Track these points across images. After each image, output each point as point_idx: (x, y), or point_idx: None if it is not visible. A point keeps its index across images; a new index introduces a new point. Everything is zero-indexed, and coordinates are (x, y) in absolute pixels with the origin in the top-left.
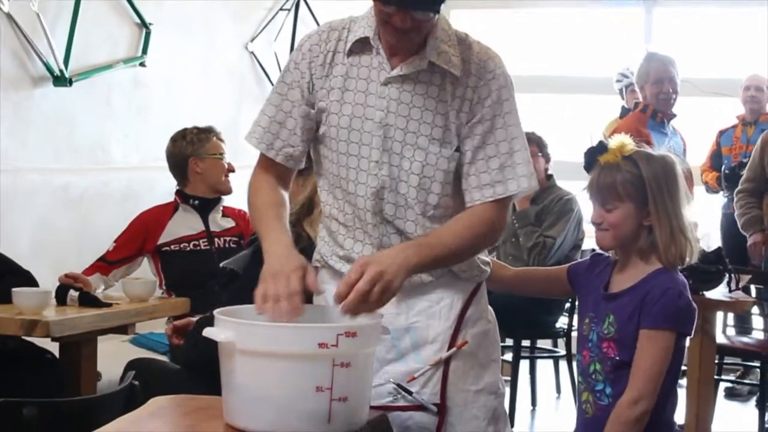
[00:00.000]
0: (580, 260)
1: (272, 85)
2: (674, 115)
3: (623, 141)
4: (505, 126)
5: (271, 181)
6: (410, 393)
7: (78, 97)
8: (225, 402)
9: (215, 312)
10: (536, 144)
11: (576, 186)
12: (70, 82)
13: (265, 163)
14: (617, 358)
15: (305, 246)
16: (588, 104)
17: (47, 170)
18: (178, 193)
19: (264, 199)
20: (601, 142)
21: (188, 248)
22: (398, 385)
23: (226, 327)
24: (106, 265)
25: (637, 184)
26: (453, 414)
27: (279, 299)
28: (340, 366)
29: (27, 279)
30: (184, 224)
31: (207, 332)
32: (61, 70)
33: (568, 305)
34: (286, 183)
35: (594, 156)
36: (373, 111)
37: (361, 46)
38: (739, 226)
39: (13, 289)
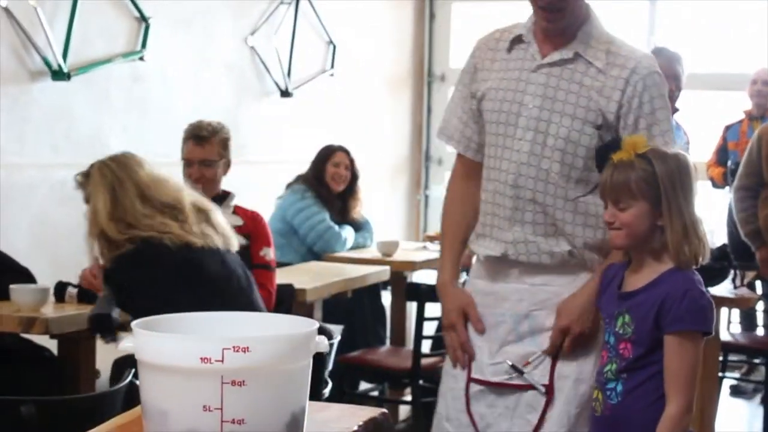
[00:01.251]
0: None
1: (272, 79)
2: (677, 110)
3: (637, 139)
4: (656, 122)
5: (468, 192)
6: (522, 373)
7: (76, 92)
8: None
9: (132, 323)
10: None
11: None
12: (69, 77)
13: (462, 166)
14: (631, 356)
15: (141, 240)
16: None
17: (46, 165)
18: None
19: (449, 220)
20: (614, 139)
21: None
22: (513, 365)
23: (133, 337)
24: None
25: (651, 182)
26: (557, 397)
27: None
28: (231, 384)
29: (25, 276)
30: None
31: (121, 344)
32: (59, 65)
33: None
34: (480, 176)
35: (607, 153)
36: (522, 95)
37: (518, 42)
38: (738, 226)
39: (11, 286)
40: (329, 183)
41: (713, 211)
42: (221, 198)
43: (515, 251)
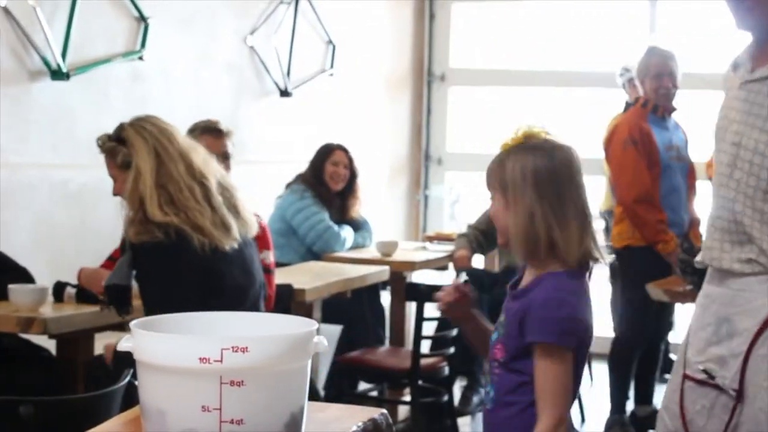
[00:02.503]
0: None
1: (272, 79)
2: (674, 109)
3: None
4: None
5: None
6: (713, 377)
7: (76, 92)
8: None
9: (131, 324)
10: None
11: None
12: (68, 76)
13: None
14: (501, 359)
15: (176, 231)
16: (595, 98)
17: (46, 165)
18: None
19: None
20: None
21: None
22: (704, 370)
23: (132, 337)
24: (113, 263)
25: (501, 176)
26: (746, 403)
27: None
28: (230, 384)
29: (23, 275)
30: None
31: (120, 344)
32: (58, 64)
33: None
34: None
35: None
36: (730, 110)
37: (736, 67)
38: None
39: (10, 286)
40: (328, 182)
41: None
42: None
43: (709, 257)
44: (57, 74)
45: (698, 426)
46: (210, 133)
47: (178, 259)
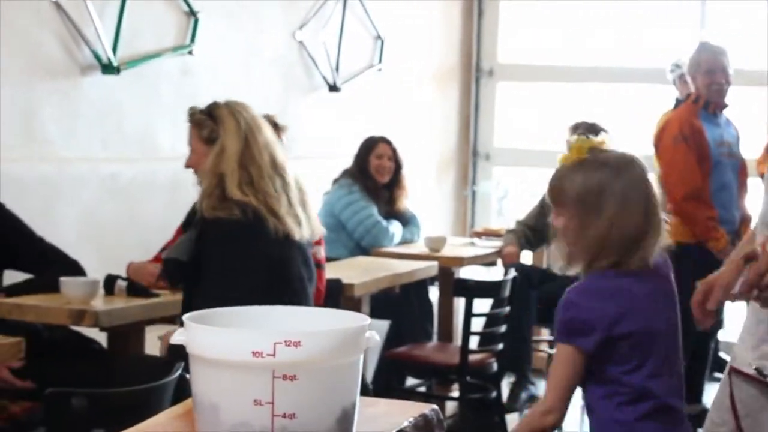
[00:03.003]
0: None
1: (320, 73)
2: (726, 105)
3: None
4: None
5: None
6: (764, 375)
7: (126, 86)
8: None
9: (184, 317)
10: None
11: None
12: (119, 71)
13: None
14: None
15: (253, 211)
16: (644, 95)
17: (95, 159)
18: None
19: None
20: None
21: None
22: (757, 367)
23: (184, 330)
24: None
25: (559, 194)
26: None
27: None
28: (282, 378)
29: (75, 268)
30: None
31: (173, 338)
32: (109, 59)
33: None
34: None
35: None
36: None
37: None
38: None
39: (61, 279)
40: (374, 175)
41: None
42: None
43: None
44: (108, 68)
45: (749, 422)
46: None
47: (251, 240)
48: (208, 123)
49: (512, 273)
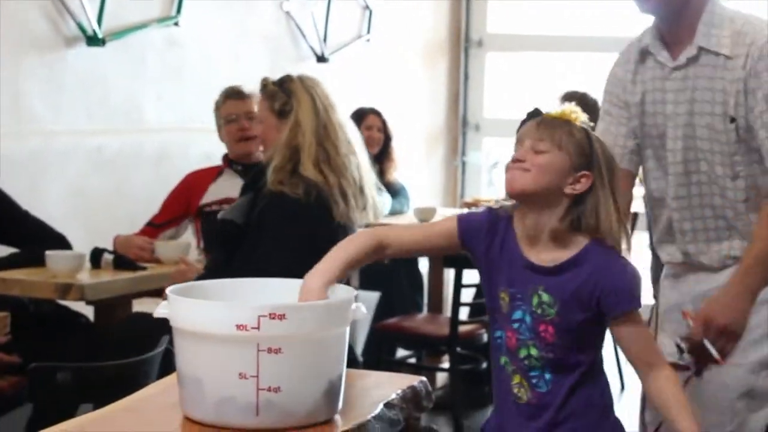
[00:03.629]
0: (471, 213)
1: (308, 44)
2: None
3: (573, 110)
4: None
5: None
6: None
7: (111, 58)
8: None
9: (167, 290)
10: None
11: None
12: (104, 42)
13: None
14: (559, 341)
15: (318, 193)
16: None
17: (80, 132)
18: (224, 157)
19: None
20: (537, 109)
21: (220, 213)
22: (677, 344)
23: (168, 304)
24: (153, 229)
25: (584, 147)
26: (705, 378)
27: None
28: (267, 351)
29: (61, 242)
30: (228, 186)
31: (156, 311)
32: (94, 30)
33: None
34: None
35: (537, 114)
36: (663, 105)
37: (647, 54)
38: None
39: (47, 252)
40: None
41: None
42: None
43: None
44: (92, 40)
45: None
46: (230, 97)
47: (306, 222)
48: (281, 95)
49: None
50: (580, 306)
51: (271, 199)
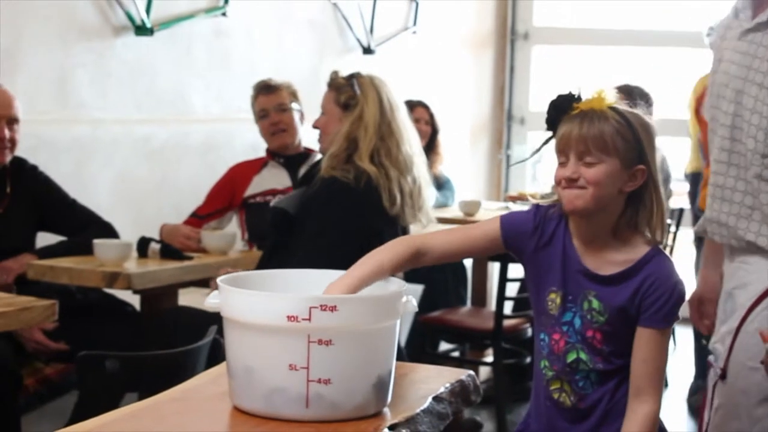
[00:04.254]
0: (515, 213)
1: (355, 36)
2: None
3: (604, 90)
4: None
5: None
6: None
7: (159, 47)
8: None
9: (218, 279)
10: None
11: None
12: (152, 32)
13: None
14: (606, 348)
15: (369, 180)
16: (680, 58)
17: (128, 121)
18: (268, 149)
19: None
20: (571, 92)
21: (273, 201)
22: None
23: (219, 294)
24: (197, 220)
25: (628, 138)
26: (727, 382)
27: None
28: (318, 343)
29: (108, 230)
30: (272, 178)
31: (206, 301)
32: (142, 20)
33: None
34: None
35: (565, 105)
36: (728, 65)
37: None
38: None
39: (95, 241)
40: None
41: None
42: (304, 156)
43: (711, 231)
44: (141, 30)
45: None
46: (260, 91)
47: (355, 208)
48: (348, 89)
49: None
50: (627, 318)
51: (321, 182)
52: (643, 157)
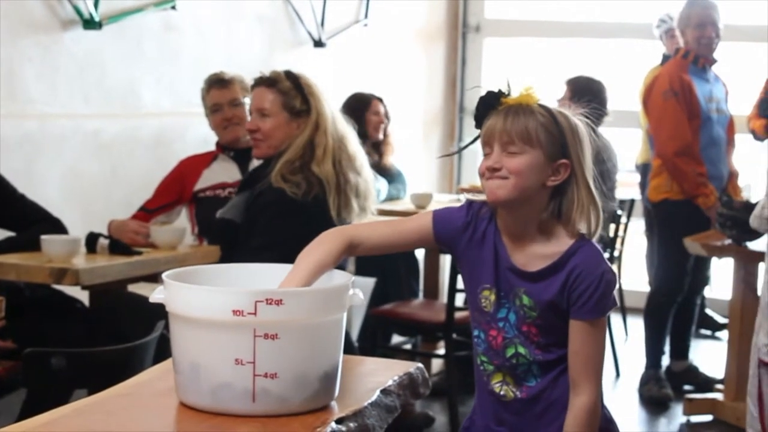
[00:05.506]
0: (448, 209)
1: (306, 29)
2: (715, 61)
3: (532, 88)
4: None
5: None
6: None
7: (108, 41)
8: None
9: (163, 275)
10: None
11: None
12: (100, 26)
13: None
14: (543, 340)
15: (318, 192)
16: (630, 50)
17: (77, 116)
18: (218, 143)
19: None
20: (500, 89)
21: (223, 195)
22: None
23: (164, 288)
24: (146, 214)
25: (553, 132)
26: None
27: None
28: (264, 337)
29: (57, 226)
30: (222, 172)
31: (152, 296)
32: (90, 14)
33: None
34: None
35: (493, 101)
36: None
37: None
38: None
39: (43, 237)
40: (372, 133)
41: (752, 165)
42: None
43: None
44: (89, 23)
45: None
46: (213, 85)
47: (302, 221)
48: (295, 93)
49: None
50: (557, 312)
51: (270, 193)
52: (567, 152)
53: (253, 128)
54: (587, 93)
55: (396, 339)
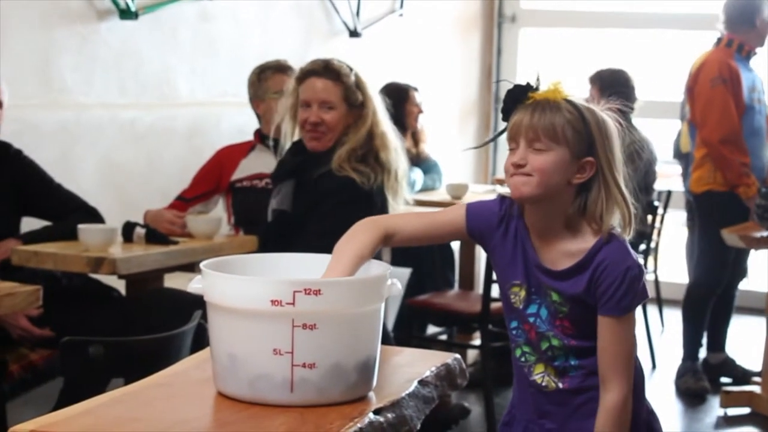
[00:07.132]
0: (481, 203)
1: (341, 19)
2: (756, 52)
3: (560, 83)
4: None
5: None
6: None
7: (144, 31)
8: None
9: (201, 265)
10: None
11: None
12: (137, 16)
13: None
14: (577, 332)
15: (381, 180)
16: (668, 41)
17: (113, 105)
18: (256, 133)
19: None
20: (528, 83)
21: (260, 185)
22: None
23: (202, 278)
24: (183, 203)
25: (580, 130)
26: None
27: None
28: (302, 327)
29: (93, 215)
30: (259, 162)
31: (190, 285)
32: (127, 3)
33: None
34: None
35: (520, 95)
36: None
37: None
38: None
39: (79, 226)
40: (412, 123)
41: None
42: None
43: None
44: (125, 13)
45: None
46: (282, 71)
47: (362, 209)
48: (356, 87)
49: None
50: (587, 307)
51: (330, 181)
52: (594, 149)
53: (317, 120)
54: (615, 85)
55: (431, 330)
